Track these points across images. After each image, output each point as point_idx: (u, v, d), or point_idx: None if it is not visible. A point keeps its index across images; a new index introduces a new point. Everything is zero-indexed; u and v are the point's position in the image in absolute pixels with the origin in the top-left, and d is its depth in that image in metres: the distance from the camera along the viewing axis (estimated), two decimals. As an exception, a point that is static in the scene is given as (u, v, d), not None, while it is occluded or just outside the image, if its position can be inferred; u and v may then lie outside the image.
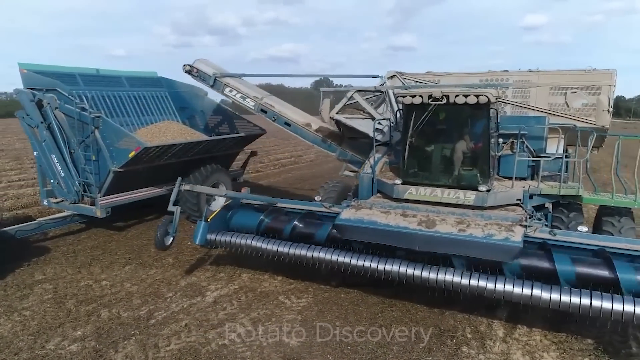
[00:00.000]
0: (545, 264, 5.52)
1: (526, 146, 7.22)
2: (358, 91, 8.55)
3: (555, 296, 5.17)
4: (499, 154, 7.29)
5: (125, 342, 5.78)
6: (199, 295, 7.20)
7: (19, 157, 23.33)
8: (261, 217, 7.36)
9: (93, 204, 9.69)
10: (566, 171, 7.15)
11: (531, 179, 7.34)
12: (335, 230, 6.64)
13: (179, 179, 7.27)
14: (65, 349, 5.64)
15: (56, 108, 9.84)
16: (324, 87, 9.43)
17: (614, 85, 6.99)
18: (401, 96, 6.63)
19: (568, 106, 7.24)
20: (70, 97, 9.75)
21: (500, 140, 7.35)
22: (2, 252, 8.63)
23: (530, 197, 6.90)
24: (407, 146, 6.96)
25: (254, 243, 6.96)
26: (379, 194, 7.67)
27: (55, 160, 10.07)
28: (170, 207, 6.94)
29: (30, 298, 7.06)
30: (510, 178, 7.36)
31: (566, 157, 7.09)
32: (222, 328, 6.16)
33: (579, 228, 6.03)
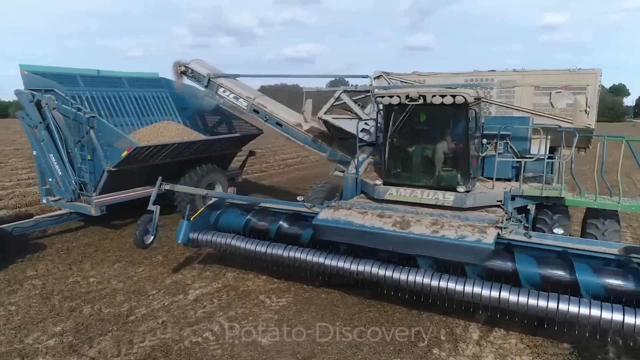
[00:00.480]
0: (508, 266, 5.48)
1: (510, 147, 7.13)
2: (345, 91, 8.55)
3: (513, 298, 5.22)
4: (483, 154, 7.20)
5: (101, 338, 5.89)
6: (182, 293, 7.29)
7: (32, 156, 23.86)
8: (247, 217, 7.42)
9: (89, 202, 9.90)
10: (551, 172, 7.03)
11: (516, 180, 7.24)
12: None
13: (159, 178, 7.37)
14: (43, 343, 5.77)
15: (54, 108, 10.08)
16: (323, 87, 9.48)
17: (599, 85, 6.84)
18: (380, 96, 6.61)
19: (553, 106, 7.13)
20: (66, 97, 9.95)
21: (485, 141, 7.26)
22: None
23: (513, 198, 6.81)
24: (387, 147, 6.94)
25: (233, 242, 7.03)
26: (362, 195, 7.66)
27: (53, 159, 10.31)
28: (150, 207, 7.04)
29: (18, 293, 7.24)
30: (497, 179, 7.29)
31: (551, 158, 6.97)
32: (198, 326, 6.23)
33: (555, 230, 5.93)
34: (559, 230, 5.89)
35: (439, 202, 6.58)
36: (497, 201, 6.73)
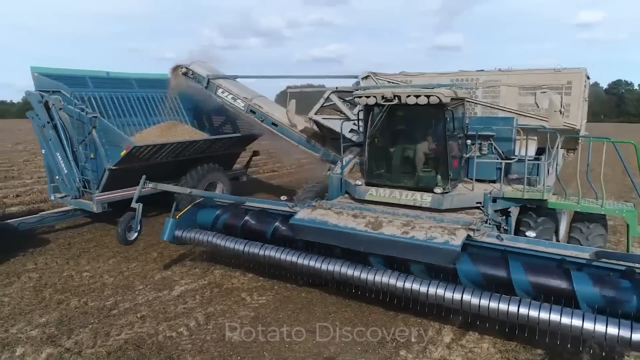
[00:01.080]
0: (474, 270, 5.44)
1: (494, 148, 7.00)
2: (334, 92, 8.58)
3: (457, 296, 5.36)
4: (467, 155, 7.09)
5: (81, 330, 6.12)
6: (167, 289, 7.47)
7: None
8: (217, 212, 7.55)
9: (91, 199, 10.25)
10: (537, 174, 6.87)
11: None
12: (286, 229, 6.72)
13: (143, 177, 7.57)
14: (26, 333, 6.03)
15: (60, 109, 10.47)
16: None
17: (585, 85, 6.63)
18: (357, 97, 6.61)
19: (538, 107, 6.96)
20: (71, 98, 10.32)
21: (469, 141, 7.15)
22: (3, 242, 9.27)
23: (494, 200, 6.69)
24: (367, 147, 6.93)
25: (213, 240, 7.16)
26: (346, 195, 7.67)
27: (60, 157, 10.71)
28: (133, 204, 7.25)
29: (14, 285, 7.57)
30: (482, 181, 7.18)
31: (536, 159, 6.81)
32: (175, 321, 6.39)
33: (527, 233, 5.79)
34: (530, 234, 5.74)
35: (416, 203, 6.54)
36: (477, 203, 6.62)
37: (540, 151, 7.09)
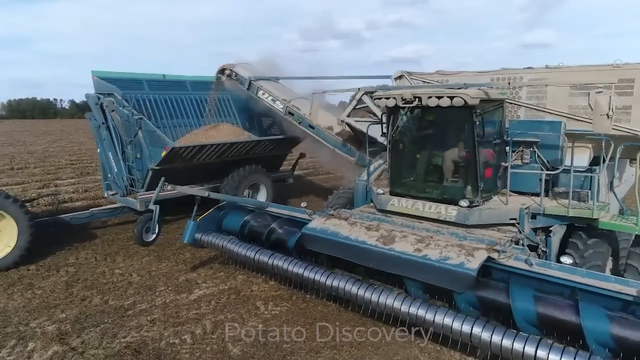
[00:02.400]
0: (501, 298, 4.61)
1: (538, 156, 6.10)
2: (366, 93, 8.04)
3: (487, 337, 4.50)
4: (505, 164, 6.24)
5: (92, 329, 6.21)
6: (186, 292, 7.43)
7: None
8: (246, 218, 7.36)
9: (136, 197, 10.62)
10: (590, 188, 5.87)
11: (547, 196, 6.18)
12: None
13: (162, 179, 7.58)
14: (43, 328, 6.24)
15: (113, 110, 10.96)
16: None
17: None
18: (377, 98, 6.07)
19: (592, 109, 5.92)
20: (122, 100, 10.74)
21: (508, 148, 6.29)
22: (54, 236, 9.87)
23: (534, 216, 5.80)
24: (390, 153, 6.35)
25: (227, 245, 6.98)
26: (371, 203, 7.13)
27: (111, 157, 11.25)
28: (151, 205, 7.27)
29: (50, 279, 7.96)
30: (524, 193, 6.31)
31: (588, 170, 5.81)
32: (183, 327, 6.28)
33: (562, 259, 4.87)
34: (566, 260, 4.83)
35: (440, 216, 5.86)
36: (511, 219, 5.78)
37: (595, 161, 6.06)
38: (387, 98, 5.88)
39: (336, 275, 5.52)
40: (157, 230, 7.62)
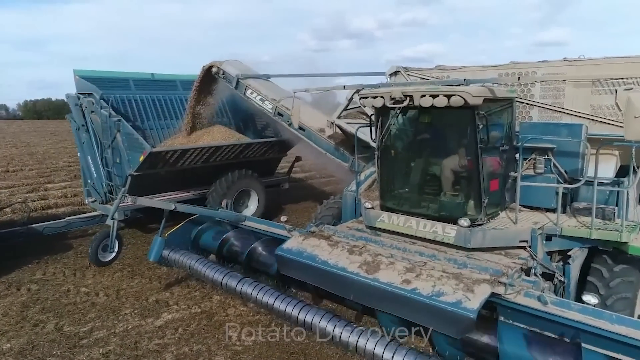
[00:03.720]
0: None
1: (554, 165, 5.14)
2: (358, 92, 7.11)
3: None
4: (514, 175, 5.27)
5: (35, 364, 5.40)
6: (153, 316, 6.62)
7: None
8: (225, 235, 6.52)
9: (115, 205, 9.85)
10: (617, 204, 4.89)
11: (564, 212, 5.22)
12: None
13: (122, 190, 6.76)
14: (-19, 361, 5.46)
15: (92, 112, 10.20)
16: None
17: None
18: (363, 97, 5.17)
19: (620, 109, 4.94)
20: (101, 100, 9.97)
21: (519, 156, 5.33)
22: (24, 248, 9.13)
23: (549, 238, 4.85)
24: (379, 162, 5.44)
25: (195, 265, 6.14)
26: (361, 217, 6.22)
27: (90, 161, 10.51)
28: (108, 221, 6.45)
29: (7, 299, 7.20)
30: (537, 208, 5.36)
31: (616, 183, 4.84)
32: (139, 362, 5.45)
33: (585, 298, 3.90)
34: (590, 299, 3.86)
35: (437, 237, 4.94)
36: (521, 241, 4.83)
37: (622, 172, 5.08)
38: (374, 97, 4.97)
39: (310, 309, 4.63)
40: (116, 248, 6.84)
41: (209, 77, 10.38)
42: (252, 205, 11.31)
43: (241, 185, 10.93)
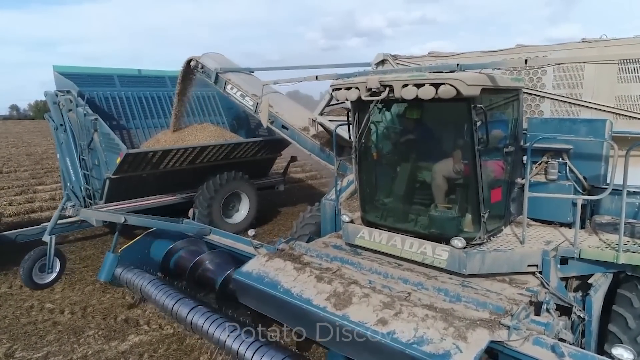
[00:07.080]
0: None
1: (570, 170, 4.21)
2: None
3: None
4: (521, 181, 4.34)
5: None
6: (119, 339, 5.93)
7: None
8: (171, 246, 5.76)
9: (92, 211, 9.17)
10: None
11: (582, 227, 4.29)
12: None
13: (63, 201, 6.01)
14: None
15: (69, 110, 9.53)
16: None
17: None
18: (335, 89, 4.30)
19: (654, 101, 3.99)
20: (79, 97, 9.27)
21: (526, 159, 4.40)
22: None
23: (564, 261, 3.94)
24: (357, 167, 4.58)
25: (146, 286, 5.35)
26: (341, 231, 5.36)
27: (69, 163, 9.87)
28: (45, 237, 5.67)
29: (-38, 317, 6.57)
30: (549, 223, 4.44)
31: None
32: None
33: (615, 352, 2.96)
34: (623, 354, 2.92)
35: (426, 259, 4.06)
36: (530, 266, 3.92)
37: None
38: (348, 89, 4.10)
39: (267, 350, 3.81)
40: (57, 268, 6.06)
41: (190, 71, 9.60)
42: (243, 209, 10.54)
43: (231, 188, 10.16)
